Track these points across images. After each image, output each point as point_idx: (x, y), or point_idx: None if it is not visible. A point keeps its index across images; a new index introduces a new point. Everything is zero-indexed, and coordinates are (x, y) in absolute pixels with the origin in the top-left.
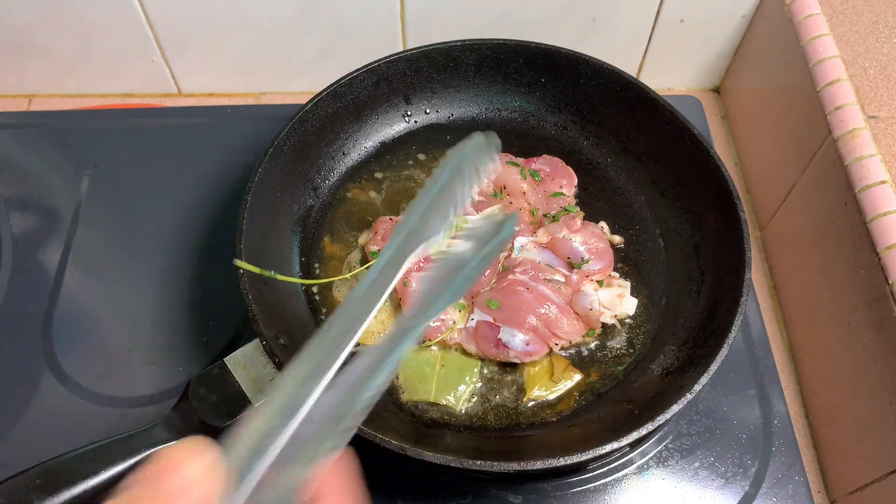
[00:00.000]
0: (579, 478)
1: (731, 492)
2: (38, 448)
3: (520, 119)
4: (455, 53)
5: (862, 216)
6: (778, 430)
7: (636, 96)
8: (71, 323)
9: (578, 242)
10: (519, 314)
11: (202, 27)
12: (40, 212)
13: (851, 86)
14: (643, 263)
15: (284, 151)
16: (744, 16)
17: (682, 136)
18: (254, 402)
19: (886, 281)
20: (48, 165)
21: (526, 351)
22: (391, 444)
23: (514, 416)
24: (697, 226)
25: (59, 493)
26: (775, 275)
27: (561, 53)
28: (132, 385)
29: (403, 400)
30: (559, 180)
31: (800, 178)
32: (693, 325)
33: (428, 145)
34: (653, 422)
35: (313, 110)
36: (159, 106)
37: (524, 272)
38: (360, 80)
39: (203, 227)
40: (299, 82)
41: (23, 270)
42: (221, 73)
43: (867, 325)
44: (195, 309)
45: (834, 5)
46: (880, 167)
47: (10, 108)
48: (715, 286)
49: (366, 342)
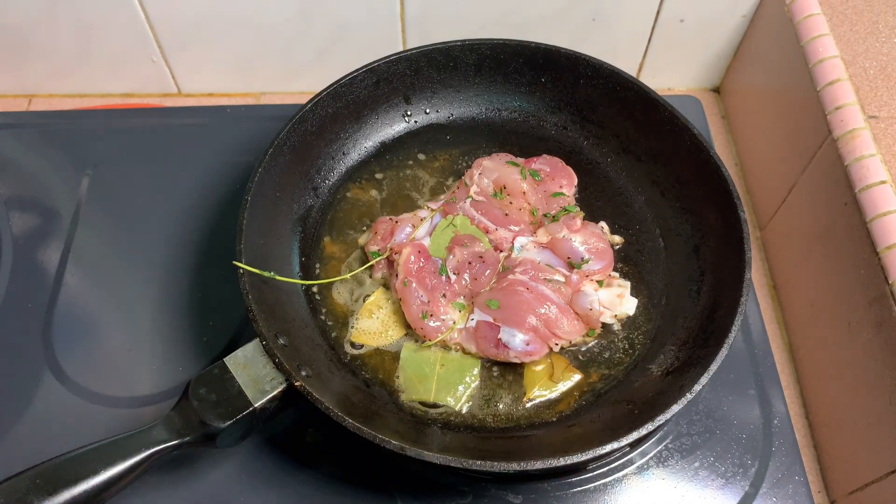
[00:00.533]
0: (579, 478)
1: (731, 492)
2: (38, 448)
3: (520, 119)
4: (455, 53)
5: (862, 216)
6: (778, 430)
7: (636, 96)
8: (71, 323)
9: (578, 242)
10: (519, 314)
11: (202, 27)
12: (40, 212)
13: (851, 86)
14: (643, 263)
15: (284, 151)
16: (744, 16)
17: (682, 136)
18: (254, 402)
19: (886, 281)
20: (48, 165)
21: (526, 351)
22: (391, 444)
23: (514, 416)
24: (697, 226)
25: (59, 493)
26: (775, 275)
27: (561, 53)
28: (132, 385)
29: (403, 400)
30: (559, 180)
31: (800, 178)
32: (693, 325)
33: (428, 145)
34: (653, 422)
35: (313, 110)
36: (159, 106)
37: (524, 272)
38: (360, 80)
39: (203, 227)
40: (299, 82)
41: (23, 270)
42: (221, 73)
43: (867, 325)
44: (195, 309)
45: (834, 5)
46: (880, 167)
47: (10, 108)
48: (715, 286)
49: (367, 342)
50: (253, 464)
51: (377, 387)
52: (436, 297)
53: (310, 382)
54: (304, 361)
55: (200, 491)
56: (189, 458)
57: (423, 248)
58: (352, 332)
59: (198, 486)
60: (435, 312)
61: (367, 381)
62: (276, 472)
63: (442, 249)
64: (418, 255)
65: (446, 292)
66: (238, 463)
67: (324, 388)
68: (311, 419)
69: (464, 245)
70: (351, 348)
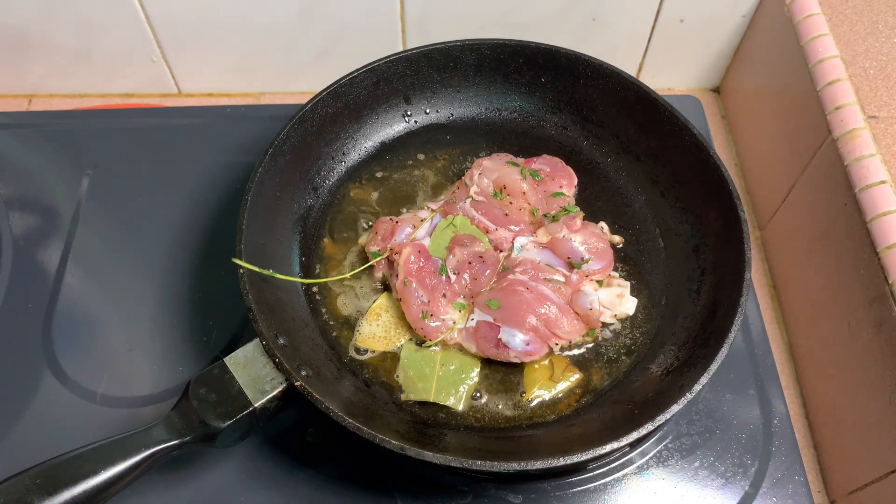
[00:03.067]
0: (579, 478)
1: (731, 492)
2: (38, 448)
3: (520, 119)
4: (455, 53)
5: (862, 216)
6: (778, 430)
7: (636, 96)
8: (71, 323)
9: (578, 242)
10: (519, 314)
11: (202, 27)
12: (40, 212)
13: (851, 86)
14: (643, 263)
15: (284, 151)
16: (744, 16)
17: (682, 136)
18: (254, 402)
19: (886, 281)
20: (48, 165)
21: (526, 351)
22: (391, 444)
23: (514, 416)
24: (697, 226)
25: (59, 493)
26: (775, 275)
27: (561, 53)
28: (132, 385)
29: (403, 400)
30: (559, 180)
31: (800, 178)
32: (693, 325)
33: (428, 145)
34: (653, 422)
35: (313, 110)
36: (159, 106)
37: (524, 272)
38: (360, 80)
39: (203, 227)
40: (299, 82)
41: (23, 270)
42: (221, 73)
43: (867, 325)
44: (195, 309)
45: (834, 5)
46: (880, 167)
47: (10, 108)
48: (715, 286)
49: (373, 347)
50: (253, 464)
51: (377, 386)
52: (436, 297)
53: (310, 382)
54: (304, 361)
55: (200, 491)
56: (189, 458)
57: (423, 248)
58: (357, 338)
59: (198, 486)
60: (435, 312)
61: (368, 380)
62: (276, 472)
63: (442, 249)
64: (418, 255)
65: (446, 292)
66: (238, 463)
67: (324, 388)
68: (311, 419)
69: (464, 245)
70: (356, 354)
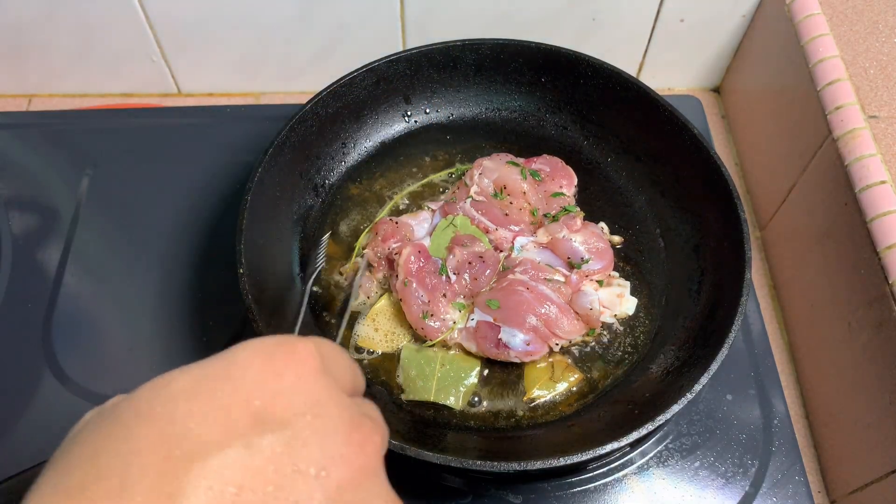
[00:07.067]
0: (579, 478)
1: (731, 492)
2: (38, 448)
3: (520, 119)
4: (455, 53)
5: (862, 216)
6: (778, 430)
7: (636, 96)
8: (71, 323)
9: (578, 242)
10: (519, 314)
11: (202, 27)
12: (40, 212)
13: (851, 86)
14: (643, 263)
15: (284, 151)
16: (744, 16)
17: (682, 136)
18: None
19: (886, 281)
20: (48, 165)
21: (526, 351)
22: (391, 444)
23: (514, 416)
24: (697, 226)
25: None
26: (775, 275)
27: (561, 53)
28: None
29: (403, 400)
30: (559, 180)
31: (800, 178)
32: (693, 325)
33: (428, 145)
34: (653, 422)
35: (313, 110)
36: (159, 106)
37: (524, 272)
38: (360, 80)
39: (203, 227)
40: (299, 82)
41: (23, 270)
42: (221, 73)
43: (867, 325)
44: (195, 309)
45: (834, 5)
46: (880, 167)
47: (10, 108)
48: (715, 286)
49: (373, 347)
50: None
51: (377, 387)
52: (436, 297)
53: None
54: None
55: None
56: None
57: (423, 248)
58: (357, 338)
59: None
60: (435, 312)
61: (367, 380)
62: None
63: (442, 249)
64: (418, 255)
65: (446, 292)
66: None
67: None
68: None
69: (464, 245)
70: (356, 354)
